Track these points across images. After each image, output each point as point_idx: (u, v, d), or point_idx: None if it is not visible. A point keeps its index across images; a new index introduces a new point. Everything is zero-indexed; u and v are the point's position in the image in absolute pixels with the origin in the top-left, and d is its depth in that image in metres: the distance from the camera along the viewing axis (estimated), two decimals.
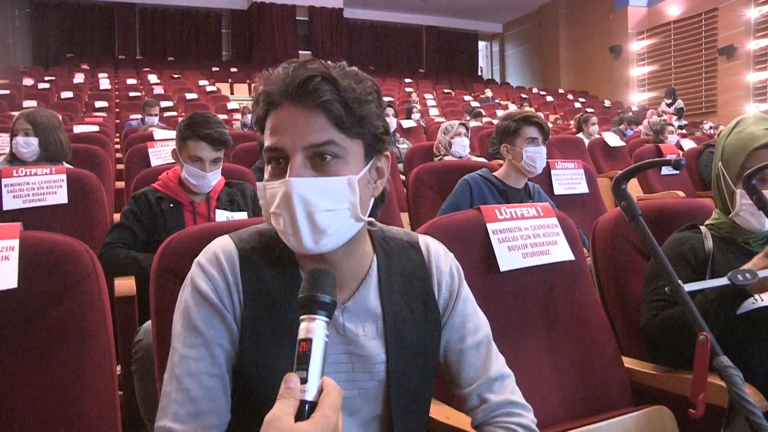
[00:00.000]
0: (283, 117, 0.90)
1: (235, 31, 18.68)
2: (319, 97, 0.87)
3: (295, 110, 0.89)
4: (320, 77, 0.88)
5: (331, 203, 0.89)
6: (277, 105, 0.91)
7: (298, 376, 0.70)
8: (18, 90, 10.51)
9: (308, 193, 0.88)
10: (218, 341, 0.93)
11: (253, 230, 1.03)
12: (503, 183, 2.72)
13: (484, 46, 23.65)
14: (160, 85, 12.22)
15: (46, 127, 3.01)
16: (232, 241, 0.99)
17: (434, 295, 1.07)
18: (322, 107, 0.88)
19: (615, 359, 1.65)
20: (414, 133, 7.27)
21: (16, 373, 1.21)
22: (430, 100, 13.17)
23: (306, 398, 0.69)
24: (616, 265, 1.82)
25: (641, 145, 5.63)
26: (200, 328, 0.92)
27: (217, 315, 0.93)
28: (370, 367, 0.99)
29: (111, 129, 6.50)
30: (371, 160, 0.96)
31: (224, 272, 0.95)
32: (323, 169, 0.89)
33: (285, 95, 0.89)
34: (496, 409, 1.05)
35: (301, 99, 0.88)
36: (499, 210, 1.66)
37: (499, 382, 1.07)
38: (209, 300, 0.93)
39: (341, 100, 0.89)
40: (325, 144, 0.89)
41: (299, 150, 0.88)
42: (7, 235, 1.24)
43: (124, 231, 2.25)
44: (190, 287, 0.95)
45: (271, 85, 0.91)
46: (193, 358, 0.91)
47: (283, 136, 0.89)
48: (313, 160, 0.89)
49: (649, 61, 16.84)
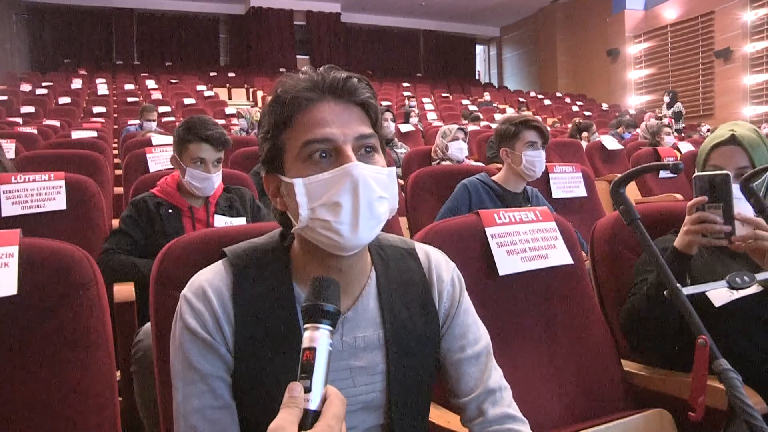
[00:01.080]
0: (328, 110, 0.91)
1: (232, 36, 18.74)
2: (359, 95, 0.92)
3: (336, 106, 0.92)
4: (356, 78, 0.93)
5: (383, 191, 0.91)
6: (312, 101, 0.91)
7: (301, 385, 0.70)
8: (16, 96, 10.52)
9: (369, 178, 0.89)
10: (216, 374, 0.93)
11: (249, 245, 1.03)
12: (502, 187, 2.72)
13: (481, 49, 23.72)
14: (158, 90, 12.24)
15: None
16: (221, 267, 0.99)
17: (434, 304, 1.07)
18: (361, 104, 0.93)
19: (614, 363, 1.65)
20: (412, 137, 7.29)
21: (15, 380, 1.21)
22: (428, 104, 13.20)
23: (309, 407, 0.69)
24: (615, 269, 1.82)
25: (639, 149, 5.64)
26: (196, 364, 0.93)
27: (210, 349, 0.93)
28: (370, 378, 0.99)
29: (109, 134, 6.51)
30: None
31: (211, 305, 0.94)
32: (368, 161, 0.92)
33: (325, 91, 0.91)
34: (493, 423, 1.04)
35: (342, 95, 0.92)
36: (497, 214, 1.67)
37: (497, 394, 1.06)
38: (200, 336, 0.93)
39: (374, 99, 0.94)
40: (371, 137, 0.92)
41: (350, 140, 0.90)
42: (7, 242, 1.24)
43: (122, 237, 2.25)
44: (180, 324, 0.95)
45: (301, 84, 0.92)
46: (194, 395, 0.92)
47: (333, 126, 0.90)
48: (359, 152, 0.91)
49: (646, 64, 16.90)
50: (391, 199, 0.93)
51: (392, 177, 0.93)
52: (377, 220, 0.90)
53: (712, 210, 1.42)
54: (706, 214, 1.42)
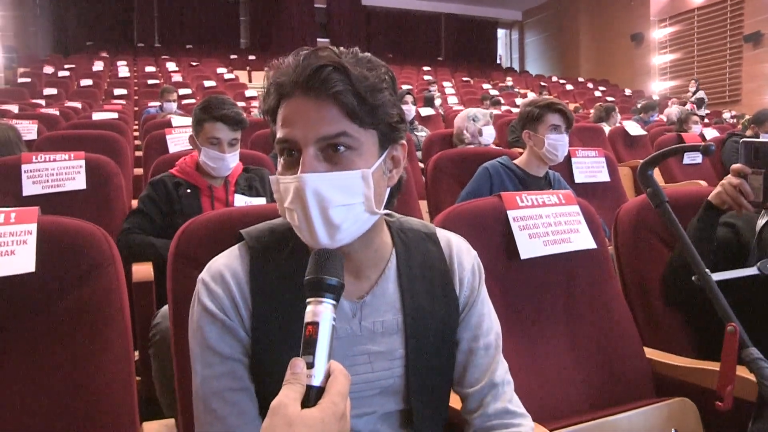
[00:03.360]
0: (295, 108, 0.87)
1: (253, 19, 18.72)
2: (330, 87, 0.84)
3: (307, 101, 0.86)
4: (331, 66, 0.85)
5: (345, 198, 0.86)
6: (288, 95, 0.88)
7: (304, 361, 0.68)
8: (39, 78, 10.63)
9: (321, 188, 0.84)
10: (234, 356, 0.92)
11: (265, 227, 1.02)
12: (523, 171, 2.68)
13: (503, 33, 23.43)
14: (179, 72, 12.27)
15: (2, 143, 2.74)
16: (238, 251, 0.98)
17: (455, 290, 1.04)
18: (334, 98, 0.85)
19: (636, 349, 1.62)
20: (433, 121, 7.23)
21: (33, 356, 1.21)
22: (449, 88, 13.10)
23: (312, 383, 0.67)
24: (639, 254, 1.79)
25: (663, 134, 5.54)
26: (214, 346, 0.92)
27: (229, 331, 0.92)
28: (389, 363, 0.98)
29: (130, 116, 6.53)
30: (386, 150, 0.93)
31: (229, 289, 0.93)
32: (336, 162, 0.86)
33: (296, 86, 0.86)
34: (492, 418, 1.02)
35: (313, 89, 0.85)
36: (520, 197, 1.63)
37: (500, 389, 1.04)
38: (218, 318, 0.92)
39: (353, 90, 0.85)
40: (338, 136, 0.85)
41: (311, 142, 0.85)
42: (25, 220, 1.24)
43: (141, 216, 2.25)
44: (198, 307, 0.94)
45: (282, 74, 0.88)
46: (213, 377, 0.91)
47: (295, 128, 0.86)
48: (326, 152, 0.86)
49: (671, 49, 16.57)
50: (365, 202, 0.88)
51: (365, 179, 0.87)
52: (337, 229, 0.86)
53: (755, 176, 1.47)
54: (743, 184, 1.48)
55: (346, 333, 0.95)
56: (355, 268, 0.97)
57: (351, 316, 0.96)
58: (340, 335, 0.95)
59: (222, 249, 1.00)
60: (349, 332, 0.96)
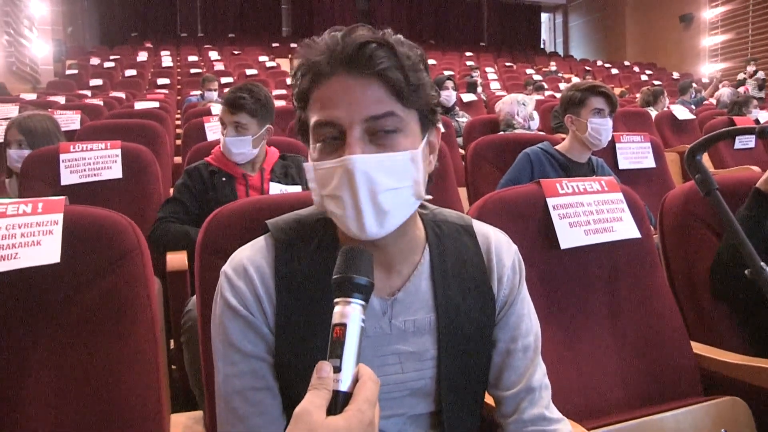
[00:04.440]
0: (336, 88, 0.82)
1: (294, 7, 18.80)
2: (377, 64, 0.80)
3: (350, 80, 0.81)
4: (375, 43, 0.81)
5: (395, 181, 0.82)
6: (325, 75, 0.83)
7: (331, 364, 0.64)
8: (85, 70, 10.88)
9: (371, 171, 0.80)
10: (257, 354, 0.89)
11: (291, 218, 0.98)
12: (565, 157, 2.60)
13: (546, 17, 22.97)
14: (221, 61, 12.38)
15: (40, 133, 2.70)
16: (263, 243, 0.94)
17: (492, 288, 0.98)
18: (380, 75, 0.80)
19: (683, 345, 1.54)
20: (474, 106, 7.13)
21: (60, 346, 1.21)
22: (491, 73, 12.92)
23: (339, 388, 0.63)
24: (686, 244, 1.71)
25: (712, 118, 5.32)
26: (237, 343, 0.89)
27: (251, 328, 0.89)
28: (420, 364, 0.93)
29: (172, 105, 6.61)
30: (426, 132, 0.89)
31: (252, 284, 0.90)
32: (384, 144, 0.82)
33: (338, 64, 0.82)
34: (528, 424, 0.96)
35: (357, 67, 0.81)
36: (560, 184, 1.57)
37: (536, 393, 0.98)
38: (240, 314, 0.89)
39: (400, 67, 0.81)
40: (386, 116, 0.81)
41: (357, 123, 0.81)
42: (52, 210, 1.23)
43: (176, 205, 2.26)
44: (221, 302, 0.91)
45: (317, 54, 0.84)
46: (235, 375, 0.88)
47: (338, 108, 0.81)
48: (373, 134, 0.82)
49: (723, 30, 15.93)
50: (413, 185, 0.84)
51: (414, 161, 0.84)
52: (386, 215, 0.82)
53: None
54: None
55: (375, 332, 0.91)
56: (387, 262, 0.92)
57: (381, 314, 0.92)
58: (369, 334, 0.90)
59: (250, 239, 0.97)
60: (379, 331, 0.92)
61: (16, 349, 1.19)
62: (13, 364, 1.18)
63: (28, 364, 1.19)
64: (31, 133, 2.67)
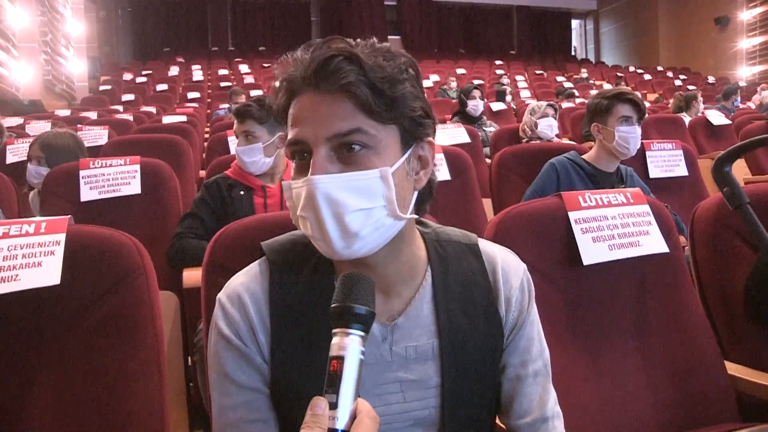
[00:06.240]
0: (304, 105, 0.79)
1: (324, 19, 18.97)
2: (340, 79, 0.76)
3: (316, 97, 0.78)
4: (341, 56, 0.77)
5: (363, 201, 0.77)
6: (297, 92, 0.80)
7: (326, 400, 0.60)
8: (118, 85, 11.11)
9: (335, 191, 0.76)
10: (251, 385, 0.85)
11: (287, 239, 0.94)
12: (593, 166, 2.53)
13: (577, 24, 22.74)
14: (251, 74, 12.53)
15: (60, 151, 2.73)
16: (257, 268, 0.91)
17: (499, 311, 0.93)
18: (346, 90, 0.76)
19: (716, 365, 1.45)
20: (504, 115, 7.05)
21: (62, 367, 1.19)
22: (521, 81, 12.82)
23: (336, 427, 0.59)
24: (719, 258, 1.62)
25: (750, 123, 5.14)
26: (231, 374, 0.85)
27: (245, 358, 0.86)
28: (423, 393, 0.88)
29: (201, 119, 6.68)
30: (410, 147, 0.83)
31: (246, 312, 0.86)
32: (351, 162, 0.78)
33: (304, 81, 0.79)
34: None
35: (322, 83, 0.77)
36: (582, 197, 1.50)
37: (550, 423, 0.93)
38: (234, 344, 0.85)
39: (367, 80, 0.76)
40: (352, 133, 0.77)
41: (322, 141, 0.77)
42: (55, 230, 1.22)
43: (194, 220, 2.25)
44: (215, 331, 0.88)
45: (291, 70, 0.81)
46: (229, 407, 0.85)
47: (305, 126, 0.79)
48: (339, 151, 0.78)
49: (761, 31, 15.53)
50: (387, 205, 0.79)
51: (384, 179, 0.78)
52: (355, 237, 0.78)
53: None
54: None
55: (375, 359, 0.86)
56: (384, 284, 0.87)
57: (381, 340, 0.87)
58: (369, 361, 0.84)
59: (255, 259, 0.93)
60: (379, 358, 0.86)
61: (18, 370, 1.17)
62: (15, 385, 1.16)
63: (31, 385, 1.17)
64: (51, 150, 2.71)
